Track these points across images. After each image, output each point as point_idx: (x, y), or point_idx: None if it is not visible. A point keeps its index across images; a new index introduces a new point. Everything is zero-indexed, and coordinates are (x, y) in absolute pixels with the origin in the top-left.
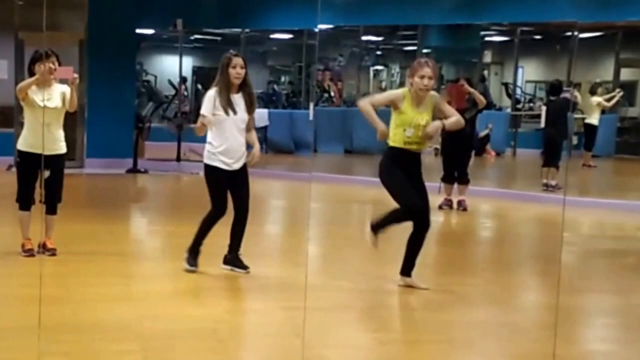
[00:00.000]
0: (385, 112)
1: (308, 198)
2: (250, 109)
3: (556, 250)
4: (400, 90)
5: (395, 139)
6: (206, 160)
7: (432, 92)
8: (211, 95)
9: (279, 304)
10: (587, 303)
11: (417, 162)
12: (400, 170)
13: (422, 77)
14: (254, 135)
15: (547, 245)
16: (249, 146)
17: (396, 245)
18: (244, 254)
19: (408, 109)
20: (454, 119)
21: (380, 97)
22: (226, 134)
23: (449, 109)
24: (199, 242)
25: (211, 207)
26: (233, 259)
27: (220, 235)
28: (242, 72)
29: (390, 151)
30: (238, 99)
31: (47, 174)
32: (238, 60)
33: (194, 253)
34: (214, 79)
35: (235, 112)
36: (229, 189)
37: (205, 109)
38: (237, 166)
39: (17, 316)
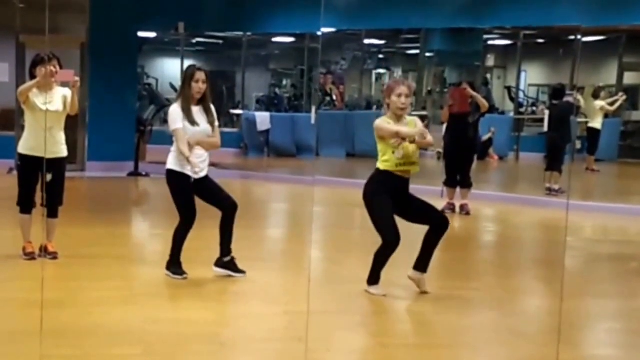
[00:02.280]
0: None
1: (311, 201)
2: (211, 122)
3: (559, 255)
4: (383, 118)
5: (387, 163)
6: (171, 166)
7: (411, 117)
8: (176, 109)
9: (281, 308)
10: (590, 308)
11: (406, 187)
12: (387, 197)
13: (400, 95)
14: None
15: (550, 249)
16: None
17: (400, 249)
18: (246, 257)
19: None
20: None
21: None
22: (192, 145)
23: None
24: (177, 255)
25: (180, 217)
26: (228, 263)
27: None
28: (204, 87)
29: (380, 176)
30: (198, 112)
31: (49, 177)
32: (201, 75)
33: (176, 264)
34: (215, 82)
35: (198, 125)
36: (202, 198)
37: (177, 123)
38: (203, 174)
39: (19, 320)
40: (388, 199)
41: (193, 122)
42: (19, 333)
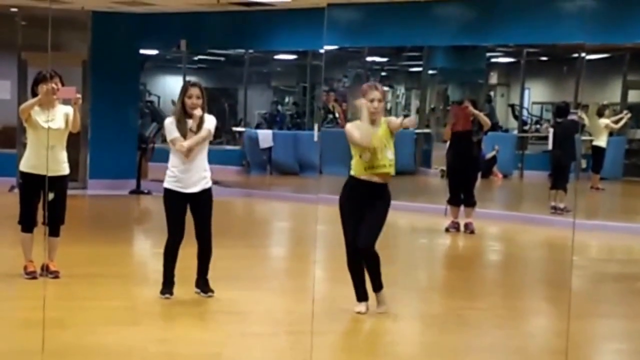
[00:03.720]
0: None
1: (314, 220)
2: (198, 131)
3: (565, 274)
4: (353, 123)
5: (355, 168)
6: (165, 184)
7: (384, 117)
8: (170, 122)
9: (285, 328)
10: (597, 328)
11: (376, 194)
12: (354, 204)
13: (372, 100)
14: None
15: (555, 268)
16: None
17: (401, 267)
18: (249, 276)
19: None
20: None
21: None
22: (184, 159)
23: (395, 122)
24: (166, 273)
25: (167, 234)
26: (199, 282)
27: (226, 259)
28: (198, 102)
29: (349, 182)
30: (194, 125)
31: (51, 196)
32: (194, 91)
33: (165, 282)
34: (217, 99)
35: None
36: (192, 214)
37: (173, 133)
38: (195, 189)
39: (20, 340)
40: (355, 206)
41: (185, 136)
42: (20, 353)
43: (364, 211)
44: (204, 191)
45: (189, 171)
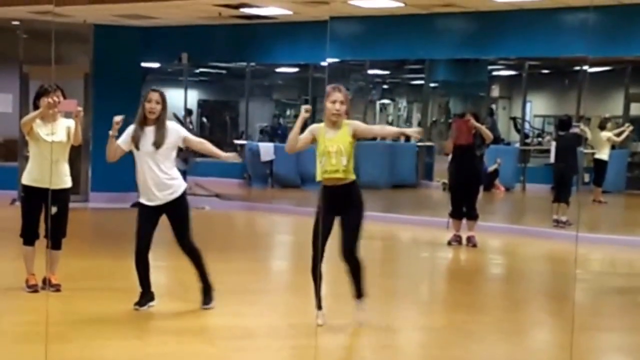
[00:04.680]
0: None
1: None
2: (156, 141)
3: (567, 287)
4: (316, 125)
5: (318, 174)
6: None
7: (349, 121)
8: (130, 130)
9: (288, 342)
10: (601, 341)
11: (341, 197)
12: (326, 212)
13: (334, 102)
14: (207, 146)
15: (558, 282)
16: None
17: (403, 280)
18: (252, 289)
19: (321, 139)
20: (385, 129)
21: (303, 137)
22: (141, 169)
23: (371, 127)
24: (142, 283)
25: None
26: (202, 291)
27: (228, 272)
28: (157, 107)
29: (321, 189)
30: (149, 132)
31: (53, 210)
32: (154, 95)
33: (142, 295)
34: (218, 112)
35: (138, 148)
36: (170, 224)
37: (122, 140)
38: (157, 202)
39: (22, 354)
40: (326, 214)
41: (137, 145)
42: None
43: (334, 217)
44: (175, 199)
45: (146, 183)
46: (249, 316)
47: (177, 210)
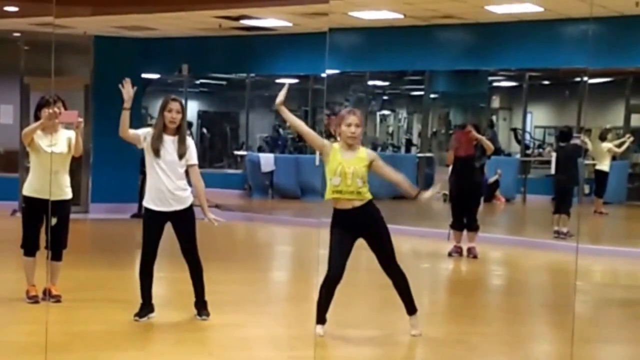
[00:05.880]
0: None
1: (316, 244)
2: (181, 154)
3: (568, 299)
4: (333, 144)
5: (328, 193)
6: (144, 202)
7: (371, 151)
8: (145, 131)
9: (287, 353)
10: (601, 353)
11: (362, 217)
12: (342, 230)
13: (349, 125)
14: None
15: (559, 293)
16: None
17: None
18: (251, 300)
19: (335, 158)
20: (404, 183)
21: (316, 136)
22: (155, 176)
23: (389, 171)
24: (144, 294)
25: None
26: (197, 305)
27: (228, 283)
28: (177, 117)
29: (333, 209)
30: (170, 142)
31: (54, 221)
32: (175, 105)
33: (142, 307)
34: (219, 123)
35: (159, 156)
36: (176, 235)
37: (140, 131)
38: (168, 209)
39: None
40: (342, 232)
41: (157, 152)
42: None
43: (357, 237)
44: (185, 210)
45: (159, 190)
46: (249, 327)
47: (186, 221)
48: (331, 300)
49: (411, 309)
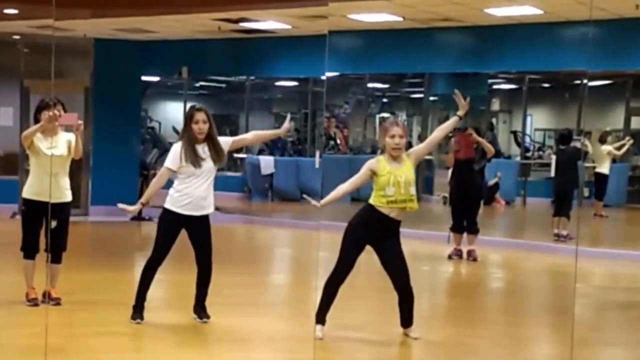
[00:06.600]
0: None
1: (316, 247)
2: (218, 159)
3: (568, 302)
4: (375, 159)
5: (376, 200)
6: (166, 204)
7: (407, 152)
8: (177, 150)
9: (286, 355)
10: (601, 356)
11: (393, 228)
12: (363, 234)
13: (393, 136)
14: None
15: (559, 296)
16: None
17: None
18: (250, 303)
19: (384, 171)
20: (444, 130)
21: (360, 174)
22: (192, 184)
23: (427, 146)
24: (138, 295)
25: (151, 252)
26: (197, 308)
27: (228, 285)
28: (205, 126)
29: (366, 210)
30: (204, 150)
31: (54, 223)
32: (200, 116)
33: (136, 306)
34: (218, 126)
35: (200, 166)
36: (190, 240)
37: (171, 162)
38: (196, 213)
39: None
40: (364, 234)
41: (195, 163)
42: None
43: (369, 243)
44: (205, 216)
45: (194, 197)
46: (248, 329)
47: (205, 227)
48: (334, 300)
49: (407, 324)
